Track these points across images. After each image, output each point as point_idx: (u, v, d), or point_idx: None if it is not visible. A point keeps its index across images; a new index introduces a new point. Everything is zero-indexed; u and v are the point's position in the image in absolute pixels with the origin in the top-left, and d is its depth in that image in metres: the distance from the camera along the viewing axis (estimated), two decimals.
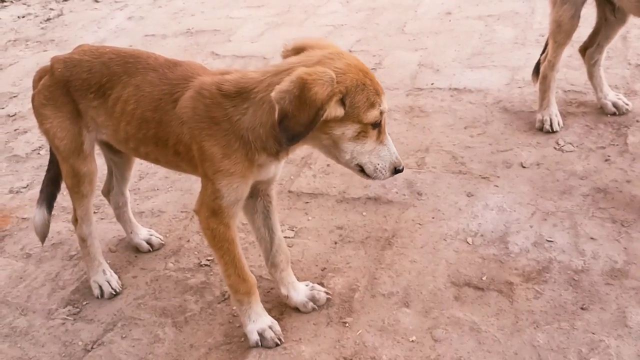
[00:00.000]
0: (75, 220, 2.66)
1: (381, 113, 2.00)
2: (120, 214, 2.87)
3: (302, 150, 3.31)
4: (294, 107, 1.85)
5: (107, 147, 2.67)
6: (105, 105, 2.37)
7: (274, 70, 2.02)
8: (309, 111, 1.85)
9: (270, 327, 2.34)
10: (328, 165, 3.36)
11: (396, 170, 2.09)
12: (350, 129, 1.99)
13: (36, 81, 2.56)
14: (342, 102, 1.93)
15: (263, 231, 2.44)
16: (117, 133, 2.38)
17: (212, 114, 2.07)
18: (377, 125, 2.02)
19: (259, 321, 2.35)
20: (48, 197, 2.71)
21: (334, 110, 1.91)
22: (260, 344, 2.33)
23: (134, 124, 2.30)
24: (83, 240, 2.66)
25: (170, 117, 2.19)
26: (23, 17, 6.70)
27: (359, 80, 1.94)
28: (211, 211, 2.17)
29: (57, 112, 2.45)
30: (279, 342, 2.34)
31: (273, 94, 1.86)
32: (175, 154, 2.26)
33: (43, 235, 2.72)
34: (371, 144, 2.04)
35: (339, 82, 1.89)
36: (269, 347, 2.32)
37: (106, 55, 2.41)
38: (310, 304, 2.46)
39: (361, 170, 2.09)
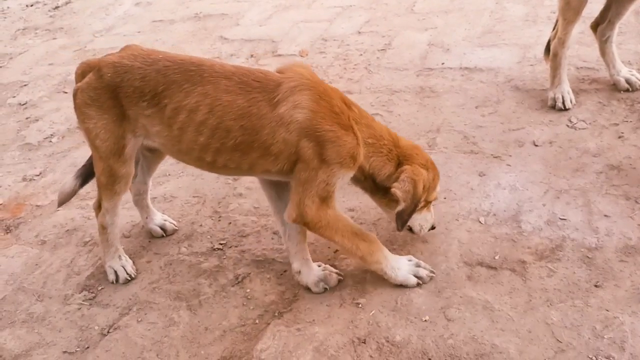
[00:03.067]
0: (98, 208, 2.65)
1: (437, 193, 2.57)
2: (139, 200, 2.89)
3: None
4: (410, 202, 2.37)
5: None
6: (160, 115, 2.36)
7: (393, 138, 2.46)
8: (415, 203, 2.40)
9: (418, 265, 2.47)
10: None
11: (432, 227, 2.63)
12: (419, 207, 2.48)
13: (79, 75, 2.53)
14: None
15: (279, 204, 2.51)
16: (177, 143, 2.38)
17: (340, 121, 2.30)
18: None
19: (404, 265, 2.46)
20: (86, 173, 2.72)
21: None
22: (419, 284, 2.45)
23: (206, 133, 2.31)
24: (104, 227, 2.66)
25: (265, 121, 2.28)
26: (31, 5, 6.71)
27: (432, 172, 2.47)
28: (321, 199, 2.32)
29: (102, 114, 2.43)
30: (433, 274, 2.48)
31: (399, 193, 2.35)
32: (263, 156, 2.32)
33: (62, 201, 2.76)
34: (423, 212, 2.55)
35: (427, 177, 2.42)
36: (426, 283, 2.45)
37: (160, 62, 2.38)
38: (322, 284, 2.49)
39: (410, 229, 2.60)
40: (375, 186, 2.47)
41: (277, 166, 2.34)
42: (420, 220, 2.56)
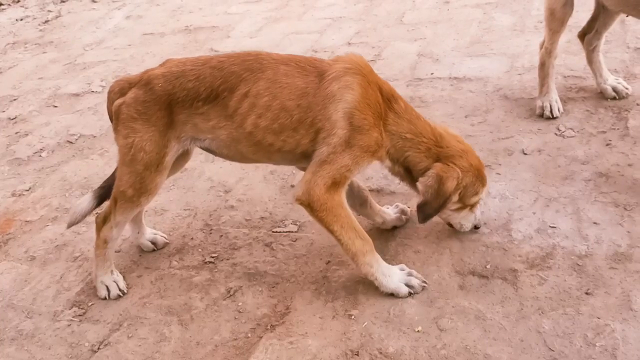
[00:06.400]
0: (102, 222, 2.62)
1: (480, 199, 2.60)
2: (136, 214, 2.86)
3: None
4: (431, 197, 2.41)
5: None
6: (218, 108, 2.44)
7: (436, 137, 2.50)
8: (440, 200, 2.42)
9: (410, 274, 2.46)
10: None
11: (475, 227, 2.68)
12: (454, 206, 2.56)
13: (116, 92, 2.57)
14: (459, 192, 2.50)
15: None
16: (237, 130, 2.44)
17: (377, 109, 2.40)
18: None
19: (395, 274, 2.46)
20: (104, 194, 2.71)
21: (455, 198, 2.50)
22: (411, 293, 2.44)
23: (268, 115, 2.40)
24: (105, 242, 2.64)
25: (319, 98, 2.38)
26: (21, 19, 6.71)
27: (474, 178, 2.50)
28: (333, 182, 2.36)
29: (150, 127, 2.46)
30: (425, 284, 2.46)
31: (420, 187, 2.42)
32: (315, 134, 2.39)
33: (75, 221, 2.73)
34: (464, 213, 2.61)
35: (462, 179, 2.45)
36: (418, 293, 2.43)
37: (213, 60, 2.50)
38: (403, 216, 2.79)
39: (449, 223, 2.67)
40: (412, 178, 2.54)
41: (315, 146, 2.41)
42: (460, 219, 2.63)
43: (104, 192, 2.71)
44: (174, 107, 2.46)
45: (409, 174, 2.54)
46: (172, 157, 2.53)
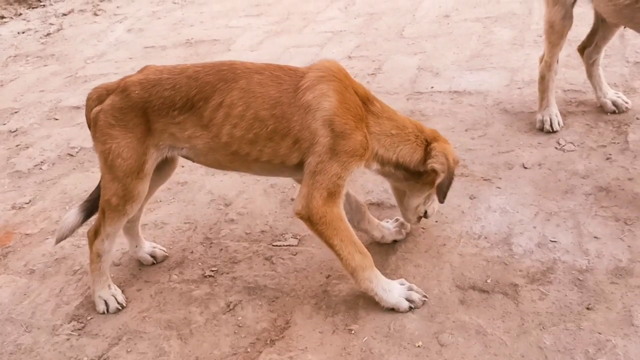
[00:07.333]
0: (94, 235, 2.62)
1: None
2: (130, 227, 2.86)
3: None
4: (447, 175, 2.49)
5: None
6: (193, 118, 2.43)
7: (416, 125, 2.57)
8: (451, 175, 2.52)
9: (411, 289, 2.46)
10: None
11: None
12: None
13: (94, 99, 2.57)
14: None
15: None
16: (213, 140, 2.44)
17: (358, 112, 2.41)
18: None
19: (395, 288, 2.45)
20: (90, 207, 2.70)
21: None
22: (411, 308, 2.43)
23: (242, 125, 2.40)
24: (98, 255, 2.63)
25: (295, 109, 2.38)
26: (23, 32, 6.75)
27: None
28: (329, 193, 2.35)
29: (127, 133, 2.46)
30: (426, 298, 2.46)
31: (438, 166, 2.47)
32: (291, 145, 2.40)
33: (63, 237, 2.71)
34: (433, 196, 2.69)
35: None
36: (419, 307, 2.43)
37: (189, 69, 2.49)
38: (403, 230, 2.78)
39: (422, 215, 2.76)
40: (408, 174, 2.56)
41: (300, 157, 2.41)
42: (434, 203, 2.71)
43: (91, 205, 2.71)
44: (150, 115, 2.46)
45: (400, 169, 2.54)
46: (152, 164, 2.53)
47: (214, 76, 2.44)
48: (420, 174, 2.55)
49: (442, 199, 2.56)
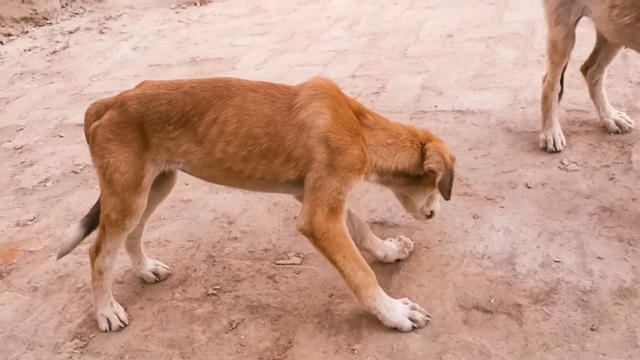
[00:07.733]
0: (95, 252, 2.62)
1: None
2: (132, 244, 2.87)
3: None
4: (445, 172, 2.49)
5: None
6: (188, 133, 2.45)
7: (409, 130, 2.59)
8: (450, 171, 2.52)
9: (414, 308, 2.45)
10: None
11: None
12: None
13: (93, 114, 2.59)
14: None
15: None
16: (206, 157, 2.46)
17: (353, 127, 2.43)
18: None
19: (398, 307, 2.44)
20: (91, 222, 2.71)
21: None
22: (414, 327, 2.42)
23: (236, 143, 2.42)
24: (100, 272, 2.63)
25: (288, 127, 2.39)
26: (29, 50, 6.81)
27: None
28: (330, 209, 2.37)
29: (124, 147, 2.48)
30: (429, 318, 2.45)
31: (434, 165, 2.48)
32: (286, 162, 2.41)
33: (64, 252, 2.71)
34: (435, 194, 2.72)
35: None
36: (422, 327, 2.42)
37: (185, 85, 2.52)
38: (406, 250, 2.79)
39: (429, 214, 2.77)
40: (408, 179, 2.58)
41: (297, 173, 2.42)
42: (436, 202, 2.73)
43: (91, 220, 2.72)
44: (147, 130, 2.47)
45: (400, 176, 2.56)
46: (150, 178, 2.54)
47: (210, 92, 2.46)
48: (420, 177, 2.57)
49: (447, 196, 2.55)
